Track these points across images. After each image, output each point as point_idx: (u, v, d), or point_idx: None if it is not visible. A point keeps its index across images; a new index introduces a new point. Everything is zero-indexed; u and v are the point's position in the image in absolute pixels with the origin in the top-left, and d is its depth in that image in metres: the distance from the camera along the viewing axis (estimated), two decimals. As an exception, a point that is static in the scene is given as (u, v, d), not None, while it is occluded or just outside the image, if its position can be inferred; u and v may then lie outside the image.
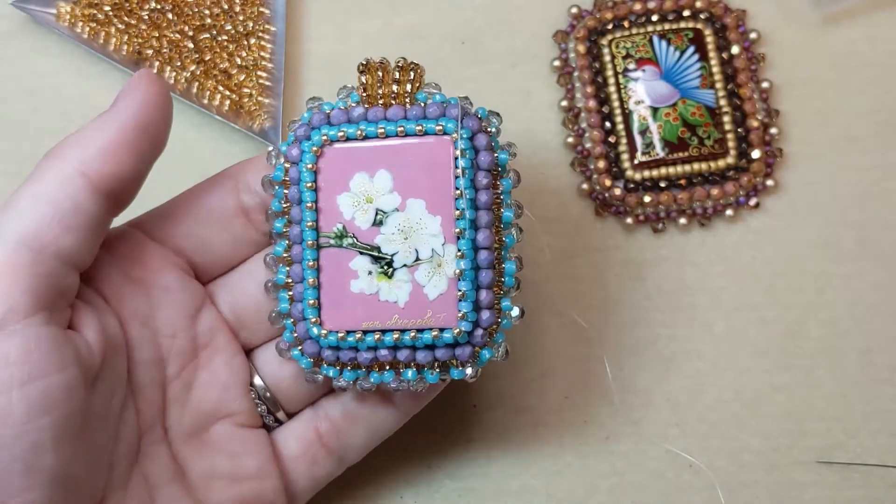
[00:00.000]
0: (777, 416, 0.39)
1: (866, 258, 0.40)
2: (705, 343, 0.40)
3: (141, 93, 0.29)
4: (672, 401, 0.39)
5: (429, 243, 0.30)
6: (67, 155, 0.28)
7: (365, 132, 0.30)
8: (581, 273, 0.40)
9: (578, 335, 0.40)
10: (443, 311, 0.30)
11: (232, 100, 0.40)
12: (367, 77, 0.31)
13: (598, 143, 0.40)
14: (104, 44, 0.40)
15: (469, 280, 0.30)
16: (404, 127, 0.30)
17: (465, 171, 0.30)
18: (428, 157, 0.30)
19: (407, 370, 0.31)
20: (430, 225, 0.30)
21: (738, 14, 0.41)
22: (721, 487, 0.39)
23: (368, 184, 0.30)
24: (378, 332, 0.30)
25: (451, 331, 0.30)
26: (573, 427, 0.39)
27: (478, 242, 0.30)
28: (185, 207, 0.32)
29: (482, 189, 0.30)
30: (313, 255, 0.31)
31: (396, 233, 0.30)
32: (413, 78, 0.31)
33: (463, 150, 0.30)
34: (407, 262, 0.30)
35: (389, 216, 0.30)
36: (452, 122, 0.30)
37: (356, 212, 0.31)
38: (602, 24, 0.41)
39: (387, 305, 0.30)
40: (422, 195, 0.30)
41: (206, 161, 0.41)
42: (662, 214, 0.40)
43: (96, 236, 0.29)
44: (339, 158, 0.31)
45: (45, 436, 0.26)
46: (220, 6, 0.41)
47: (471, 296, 0.30)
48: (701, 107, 0.40)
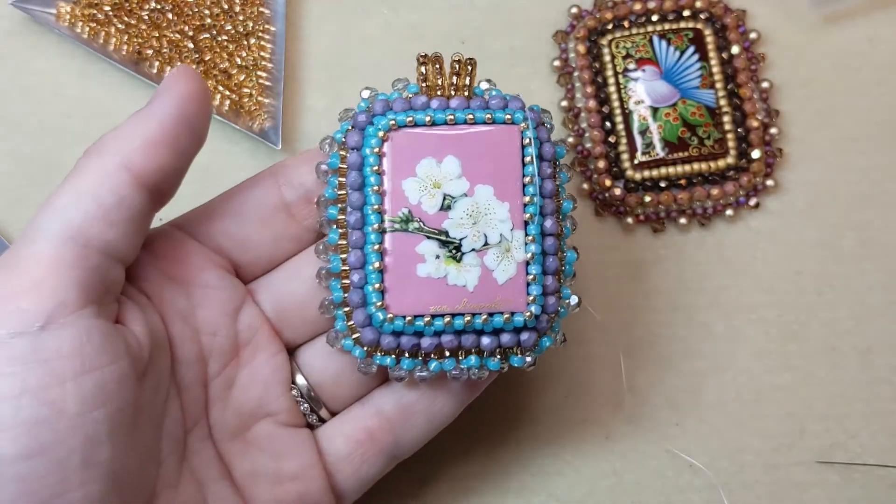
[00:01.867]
0: (777, 416, 0.39)
1: (866, 258, 0.40)
2: (705, 343, 0.40)
3: (180, 88, 0.29)
4: (672, 401, 0.39)
5: (497, 228, 0.30)
6: (109, 150, 0.28)
7: (434, 118, 0.31)
8: (581, 273, 0.40)
9: (578, 335, 0.40)
10: (512, 295, 0.30)
11: (232, 100, 0.40)
12: (427, 68, 0.31)
13: (598, 143, 0.40)
14: (104, 44, 0.40)
15: (539, 264, 0.31)
16: (473, 115, 0.31)
17: (535, 159, 0.31)
18: (496, 144, 0.31)
19: (469, 357, 0.31)
20: (499, 210, 0.30)
21: (738, 14, 0.41)
22: (721, 487, 0.39)
23: (436, 169, 0.31)
24: (447, 315, 0.30)
25: (523, 314, 0.30)
26: (573, 427, 0.39)
27: (545, 229, 0.31)
28: (226, 206, 0.33)
29: (547, 178, 0.31)
30: (378, 239, 0.30)
31: (465, 217, 0.30)
32: (469, 70, 0.31)
33: (532, 138, 0.31)
34: (475, 247, 0.30)
35: (458, 201, 0.30)
36: (521, 112, 0.31)
37: (423, 196, 0.30)
38: (602, 24, 0.41)
39: (455, 289, 0.30)
40: (490, 181, 0.31)
41: (206, 161, 0.41)
42: (662, 214, 0.40)
43: (140, 230, 0.29)
44: (406, 143, 0.31)
45: (101, 428, 0.26)
46: (220, 6, 0.41)
47: (541, 279, 0.31)
48: (701, 107, 0.40)
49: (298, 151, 0.41)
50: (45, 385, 0.25)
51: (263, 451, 0.32)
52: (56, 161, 0.40)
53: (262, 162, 0.41)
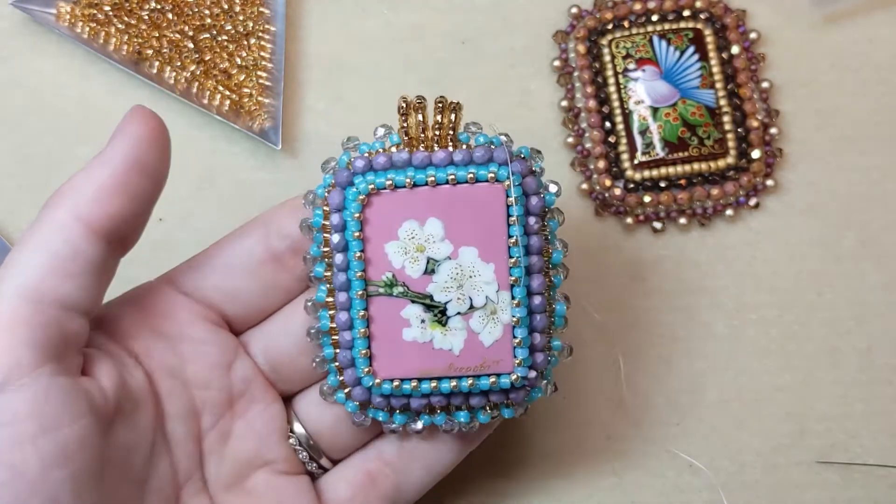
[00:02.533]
0: (777, 416, 0.39)
1: (866, 258, 0.40)
2: (705, 343, 0.40)
3: (133, 130, 0.29)
4: (672, 401, 0.39)
5: (483, 291, 0.30)
6: (62, 202, 0.28)
7: (414, 180, 0.30)
8: (581, 273, 0.40)
9: (578, 336, 0.40)
10: (498, 357, 0.30)
11: (232, 100, 0.40)
12: (408, 120, 0.30)
13: (598, 143, 0.40)
14: (104, 44, 0.40)
15: (525, 327, 0.30)
16: (455, 174, 0.30)
17: (519, 219, 0.30)
18: (480, 204, 0.30)
19: (459, 413, 0.31)
20: (484, 272, 0.30)
21: (738, 14, 0.41)
22: (721, 487, 0.39)
23: (419, 231, 0.30)
24: (434, 379, 0.30)
25: (509, 377, 0.30)
26: (573, 427, 0.39)
27: (531, 288, 0.30)
28: (214, 259, 0.32)
29: (533, 234, 0.30)
30: (362, 305, 0.30)
31: (450, 281, 0.30)
32: (455, 118, 0.31)
33: (516, 197, 0.30)
34: (461, 310, 0.30)
35: (441, 264, 0.30)
36: (504, 168, 0.30)
37: (406, 261, 0.30)
38: (602, 24, 0.41)
39: (441, 353, 0.30)
40: (474, 243, 0.30)
41: (206, 161, 0.41)
42: (662, 214, 0.40)
43: (100, 279, 0.28)
44: (387, 206, 0.30)
45: (63, 488, 0.26)
46: (220, 6, 0.41)
47: (527, 342, 0.30)
48: (701, 107, 0.40)
49: (298, 152, 0.41)
50: (3, 448, 0.25)
51: (261, 499, 0.32)
52: (56, 161, 0.40)
53: (262, 162, 0.41)
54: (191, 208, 0.40)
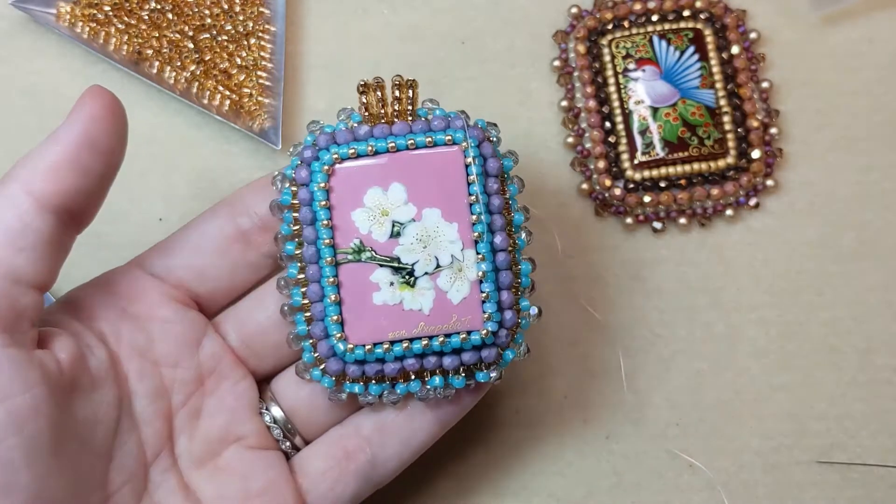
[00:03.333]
0: (777, 416, 0.39)
1: (866, 258, 0.40)
2: (705, 343, 0.40)
3: (86, 109, 0.29)
4: (672, 401, 0.39)
5: (448, 249, 0.31)
6: (15, 176, 0.29)
7: (375, 148, 0.31)
8: (581, 273, 0.40)
9: (578, 335, 0.40)
10: (468, 314, 0.31)
11: (232, 100, 0.40)
12: (367, 97, 0.32)
13: (598, 143, 0.40)
14: (104, 44, 0.40)
15: (491, 282, 0.31)
16: (414, 140, 0.31)
17: (478, 178, 0.31)
18: (439, 167, 0.31)
19: (433, 378, 0.31)
20: (448, 232, 0.31)
21: (738, 14, 0.41)
22: (721, 487, 0.39)
23: (382, 197, 0.31)
24: (406, 340, 0.31)
25: (479, 332, 0.31)
26: (573, 427, 0.39)
27: (495, 245, 0.31)
28: (183, 240, 0.33)
29: (494, 194, 0.31)
30: (332, 272, 0.31)
31: (415, 242, 0.31)
32: (412, 95, 0.32)
33: (474, 157, 0.31)
34: (428, 270, 0.31)
35: (406, 227, 0.31)
36: (461, 132, 0.31)
37: (373, 225, 0.31)
38: (602, 24, 0.41)
39: (412, 314, 0.31)
40: (437, 204, 0.31)
41: (206, 161, 0.41)
42: (662, 214, 0.40)
43: (53, 254, 0.29)
44: (351, 175, 0.31)
45: (16, 455, 0.26)
46: (220, 6, 0.41)
47: (494, 297, 0.31)
48: (701, 107, 0.40)
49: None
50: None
51: (232, 475, 0.32)
52: (56, 161, 0.40)
53: (262, 162, 0.41)
54: (191, 208, 0.40)
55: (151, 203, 0.40)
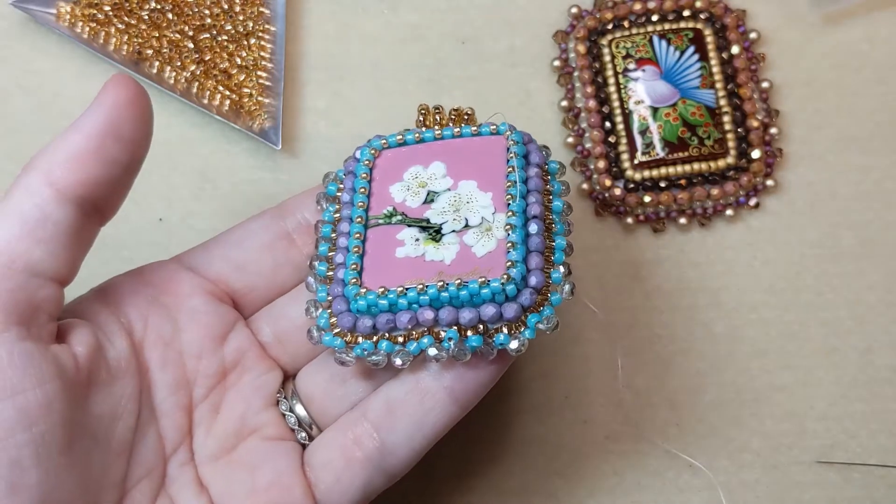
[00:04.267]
0: (777, 416, 0.39)
1: (866, 258, 0.40)
2: (705, 343, 0.40)
3: (110, 98, 0.28)
4: (672, 401, 0.39)
5: (479, 213, 0.31)
6: (35, 166, 0.28)
7: (422, 136, 0.32)
8: (581, 273, 0.40)
9: (579, 335, 0.40)
10: (490, 265, 0.29)
11: (232, 100, 0.40)
12: (425, 119, 0.33)
13: (598, 143, 0.40)
14: (104, 44, 0.40)
15: (519, 233, 0.30)
16: (461, 129, 0.32)
17: (517, 158, 0.31)
18: (482, 150, 0.32)
19: (449, 332, 0.29)
20: (482, 199, 0.31)
21: (738, 14, 0.41)
22: (721, 487, 0.39)
23: (422, 172, 0.32)
24: (421, 285, 0.29)
25: (499, 280, 0.28)
26: (573, 427, 0.39)
27: (528, 212, 0.30)
28: (228, 236, 0.33)
29: (533, 176, 0.31)
30: (359, 229, 0.31)
31: (447, 206, 0.31)
32: (467, 120, 0.33)
33: (515, 140, 0.32)
34: (456, 228, 0.30)
35: (441, 195, 0.31)
36: (505, 124, 0.32)
37: (407, 195, 0.31)
38: (602, 24, 0.41)
39: (432, 264, 0.30)
40: (474, 177, 0.31)
41: (206, 161, 0.41)
42: (662, 214, 0.40)
43: (74, 247, 0.28)
44: (396, 156, 0.32)
45: (25, 453, 0.26)
46: (220, 6, 0.41)
47: (521, 249, 0.29)
48: (701, 107, 0.40)
49: (298, 152, 0.41)
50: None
51: (242, 468, 0.31)
52: (56, 161, 0.40)
53: (262, 162, 0.41)
54: (191, 208, 0.40)
55: (151, 203, 0.40)
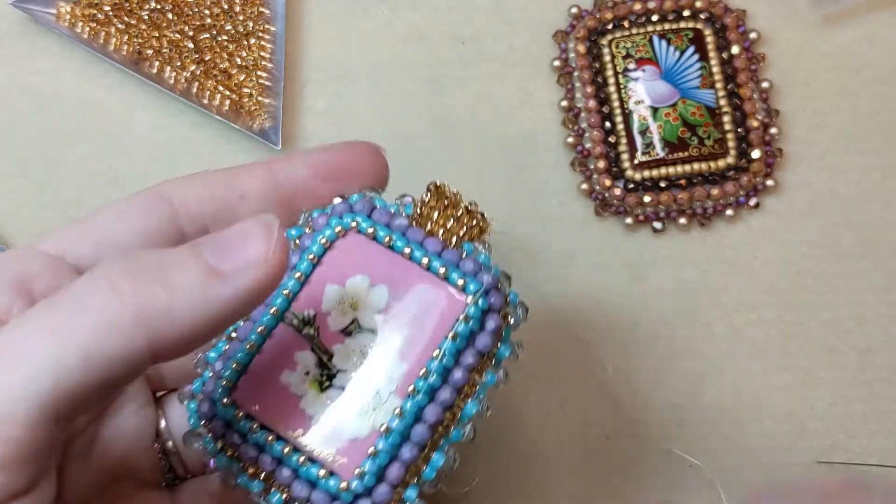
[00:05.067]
0: (777, 416, 0.39)
1: (866, 258, 0.40)
2: (705, 343, 0.40)
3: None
4: (672, 401, 0.39)
5: (379, 384, 0.27)
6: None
7: (393, 244, 0.28)
8: (581, 273, 0.40)
9: (578, 335, 0.40)
10: (347, 456, 0.26)
11: (232, 100, 0.40)
12: (431, 201, 0.28)
13: (598, 143, 0.40)
14: (104, 44, 0.40)
15: (390, 445, 0.26)
16: (430, 260, 0.27)
17: (457, 338, 0.27)
18: (432, 304, 0.27)
19: (276, 493, 0.27)
20: (393, 368, 0.27)
21: (738, 14, 0.41)
22: (721, 487, 0.39)
23: (363, 291, 0.28)
24: (273, 435, 0.27)
25: (339, 482, 0.26)
26: (573, 427, 0.39)
27: (424, 414, 0.27)
28: (103, 226, 0.28)
29: (462, 367, 0.27)
30: (269, 323, 0.28)
31: (357, 353, 0.27)
32: (473, 226, 0.28)
33: (468, 316, 0.27)
34: (344, 386, 0.27)
35: (362, 333, 0.27)
36: (477, 285, 0.27)
37: (336, 309, 0.28)
38: (602, 24, 0.41)
39: (301, 415, 0.27)
40: (402, 335, 0.27)
41: (206, 161, 0.41)
42: (662, 214, 0.40)
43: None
44: (355, 249, 0.28)
45: None
46: (220, 6, 0.41)
47: (383, 460, 0.26)
48: (701, 107, 0.40)
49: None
50: None
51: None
52: (56, 161, 0.40)
53: (262, 162, 0.41)
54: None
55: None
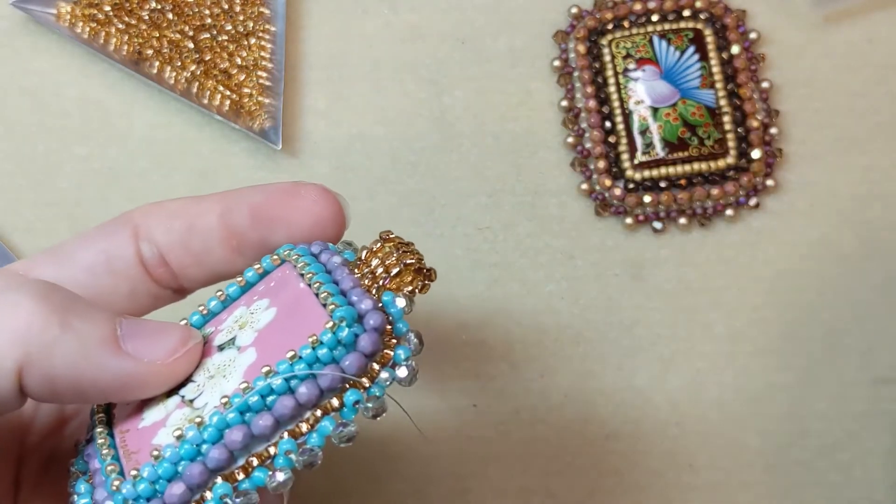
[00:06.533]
0: (777, 416, 0.39)
1: (866, 258, 0.40)
2: (705, 343, 0.40)
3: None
4: (672, 401, 0.39)
5: (212, 395, 0.24)
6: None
7: (311, 277, 0.25)
8: (581, 273, 0.40)
9: (579, 335, 0.40)
10: (138, 449, 0.24)
11: (232, 100, 0.40)
12: (378, 250, 0.26)
13: (598, 143, 0.40)
14: (104, 44, 0.40)
15: (177, 455, 0.23)
16: (319, 287, 0.25)
17: (295, 360, 0.23)
18: (301, 327, 0.24)
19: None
20: (232, 384, 0.24)
21: (738, 14, 0.41)
22: (721, 487, 0.39)
23: (256, 313, 0.26)
24: (109, 436, 0.26)
25: (115, 482, 0.24)
26: (573, 427, 0.39)
27: (227, 440, 0.23)
28: (76, 253, 0.28)
29: (292, 396, 0.23)
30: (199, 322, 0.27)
31: (215, 366, 0.25)
32: (409, 282, 0.25)
33: (318, 340, 0.23)
34: (186, 395, 0.25)
35: (231, 349, 0.25)
36: (346, 313, 0.23)
37: (227, 328, 0.26)
38: (602, 24, 0.41)
39: (135, 417, 0.25)
40: (260, 353, 0.25)
41: (206, 161, 0.41)
42: (662, 214, 0.40)
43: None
44: (278, 277, 0.26)
45: None
46: (220, 6, 0.41)
47: (163, 469, 0.23)
48: (701, 107, 0.40)
49: (298, 152, 0.41)
50: None
51: None
52: (56, 161, 0.40)
53: (262, 162, 0.41)
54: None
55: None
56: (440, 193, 0.41)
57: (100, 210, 0.40)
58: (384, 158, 0.41)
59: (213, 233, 0.28)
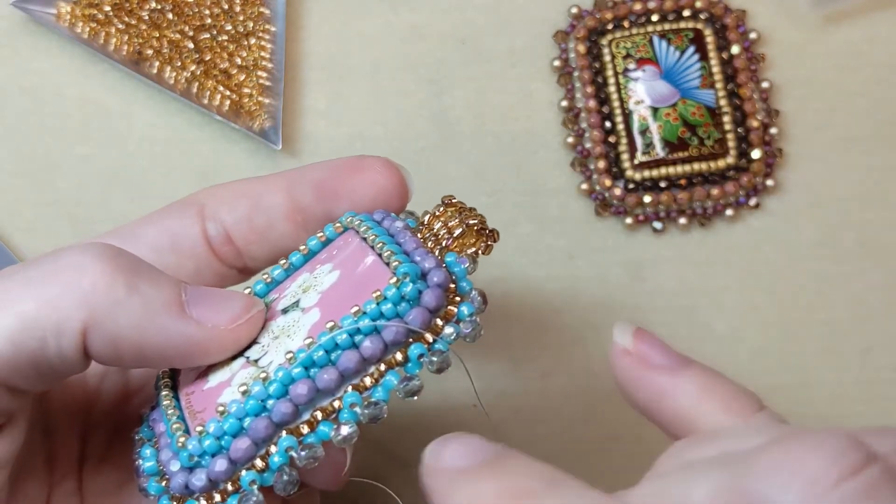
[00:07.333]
0: (777, 416, 0.39)
1: (866, 258, 0.40)
2: (705, 343, 0.40)
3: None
4: (672, 401, 0.39)
5: (277, 354, 0.24)
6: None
7: (375, 239, 0.26)
8: (581, 273, 0.40)
9: (579, 335, 0.40)
10: (204, 406, 0.25)
11: (232, 100, 0.40)
12: (442, 217, 0.26)
13: (598, 143, 0.40)
14: (104, 44, 0.40)
15: (237, 417, 0.23)
16: (383, 247, 0.25)
17: (360, 315, 0.24)
18: (366, 286, 0.24)
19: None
20: (297, 342, 0.24)
21: (738, 14, 0.41)
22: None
23: (320, 276, 0.26)
24: (174, 398, 0.26)
25: (181, 440, 0.24)
26: (573, 427, 0.39)
27: (292, 394, 0.23)
28: (142, 231, 0.29)
29: (358, 350, 0.24)
30: (264, 291, 0.28)
31: (279, 328, 0.25)
32: (472, 244, 0.26)
33: (382, 295, 0.24)
34: (251, 356, 0.25)
35: (295, 311, 0.25)
36: (409, 269, 0.24)
37: (291, 293, 0.26)
38: (602, 24, 0.41)
39: (201, 380, 0.26)
40: (324, 312, 0.25)
41: (206, 161, 0.41)
42: (662, 214, 0.40)
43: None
44: (342, 244, 0.27)
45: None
46: (220, 6, 0.41)
47: (229, 424, 0.23)
48: (701, 107, 0.40)
49: (298, 152, 0.41)
50: None
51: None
52: (56, 161, 0.40)
53: (262, 162, 0.41)
54: (191, 208, 0.40)
55: (151, 203, 0.40)
56: (440, 193, 0.41)
57: (100, 210, 0.40)
58: (384, 158, 0.41)
59: (278, 209, 0.28)
